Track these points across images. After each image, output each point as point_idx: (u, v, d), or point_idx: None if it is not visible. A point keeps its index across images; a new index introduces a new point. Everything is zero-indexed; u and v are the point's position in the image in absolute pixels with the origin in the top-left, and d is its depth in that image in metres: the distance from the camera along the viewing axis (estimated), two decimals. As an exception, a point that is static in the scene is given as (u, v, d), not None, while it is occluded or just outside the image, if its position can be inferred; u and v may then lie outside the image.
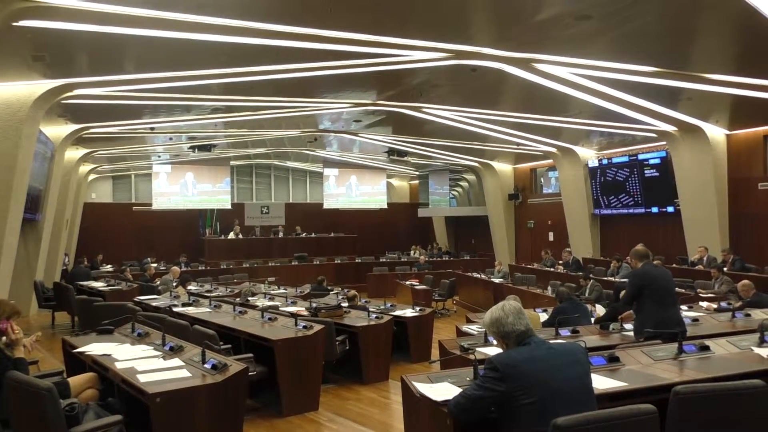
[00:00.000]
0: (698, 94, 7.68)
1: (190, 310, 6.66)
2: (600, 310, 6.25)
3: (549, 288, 8.79)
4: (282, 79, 7.37)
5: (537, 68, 6.96)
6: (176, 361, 3.71)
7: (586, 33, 5.76)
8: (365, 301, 8.22)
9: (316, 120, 11.45)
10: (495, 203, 16.35)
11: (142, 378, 3.35)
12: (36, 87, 7.32)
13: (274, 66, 6.92)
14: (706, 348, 3.55)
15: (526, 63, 6.82)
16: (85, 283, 9.89)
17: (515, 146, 12.98)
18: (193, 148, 13.50)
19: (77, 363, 4.13)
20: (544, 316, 6.02)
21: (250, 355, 4.68)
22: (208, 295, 8.66)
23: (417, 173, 19.96)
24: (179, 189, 16.60)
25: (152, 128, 10.75)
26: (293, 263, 14.99)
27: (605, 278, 9.70)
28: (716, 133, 10.04)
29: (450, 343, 4.20)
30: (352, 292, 7.99)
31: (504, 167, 16.26)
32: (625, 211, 12.34)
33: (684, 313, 4.84)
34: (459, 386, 2.72)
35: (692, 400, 2.39)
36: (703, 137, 9.94)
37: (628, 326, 4.54)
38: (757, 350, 3.52)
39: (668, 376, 3.02)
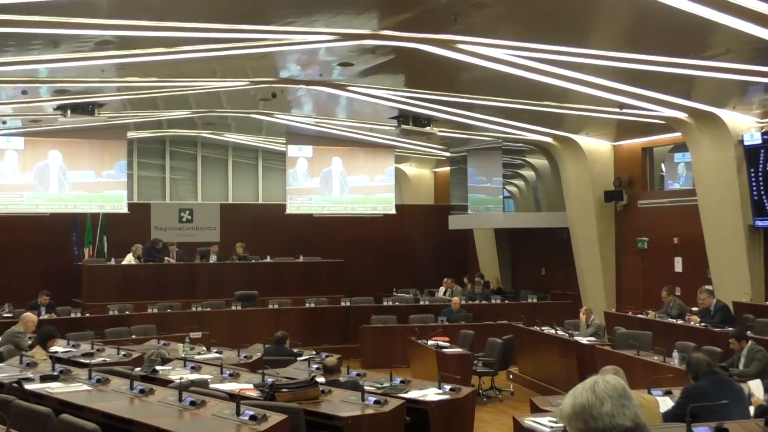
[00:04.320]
0: None
1: (55, 388, 6.63)
2: (759, 389, 6.20)
3: (675, 354, 8.74)
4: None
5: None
6: (30, 476, 3.70)
7: None
8: (357, 374, 8.19)
9: (275, 63, 11.45)
10: (581, 207, 16.32)
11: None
12: None
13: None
14: None
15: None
16: None
17: (617, 110, 12.95)
18: (62, 109, 13.53)
19: None
20: (666, 403, 5.96)
21: (158, 465, 4.65)
22: (87, 361, 8.59)
23: (447, 154, 19.97)
24: (37, 178, 16.64)
25: (-6, 75, 10.76)
26: (234, 308, 14.97)
27: (772, 338, 9.63)
28: None
29: (503, 449, 4.15)
30: (333, 358, 7.95)
31: (597, 145, 16.25)
32: (807, 221, 12.26)
33: None
34: None
35: None
36: None
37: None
38: None
39: None
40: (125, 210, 17.23)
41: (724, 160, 13.00)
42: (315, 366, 8.66)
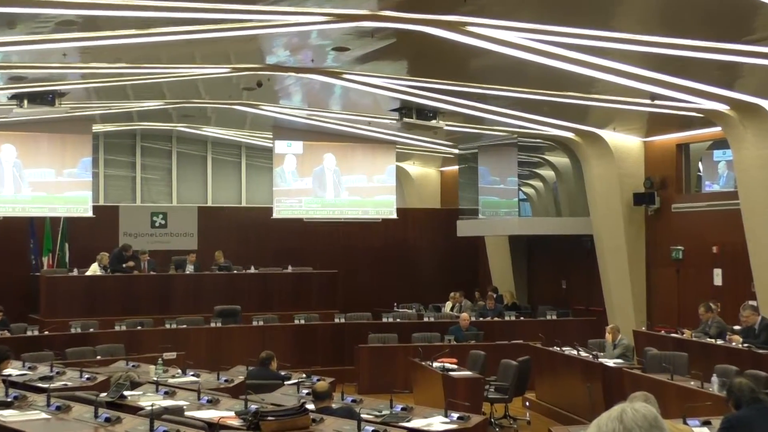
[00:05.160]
0: None
1: (9, 416, 6.61)
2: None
3: (714, 378, 8.73)
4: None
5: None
6: None
7: None
8: (352, 400, 8.18)
9: (260, 47, 11.46)
10: (607, 211, 16.31)
11: None
12: None
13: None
14: None
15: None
16: None
17: (648, 101, 12.94)
18: (18, 98, 13.51)
19: None
20: (704, 435, 5.95)
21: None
22: (45, 386, 8.59)
23: (455, 151, 19.97)
24: (-8, 178, 16.63)
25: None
26: (213, 325, 14.96)
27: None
28: None
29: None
30: (325, 382, 7.91)
31: (625, 141, 16.25)
32: None
33: None
34: None
35: None
36: None
37: None
38: None
39: None
40: (90, 214, 17.20)
41: (770, 159, 13.01)
42: (305, 391, 8.63)
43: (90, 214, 17.22)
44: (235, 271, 17.20)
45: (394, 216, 19.16)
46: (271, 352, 10.18)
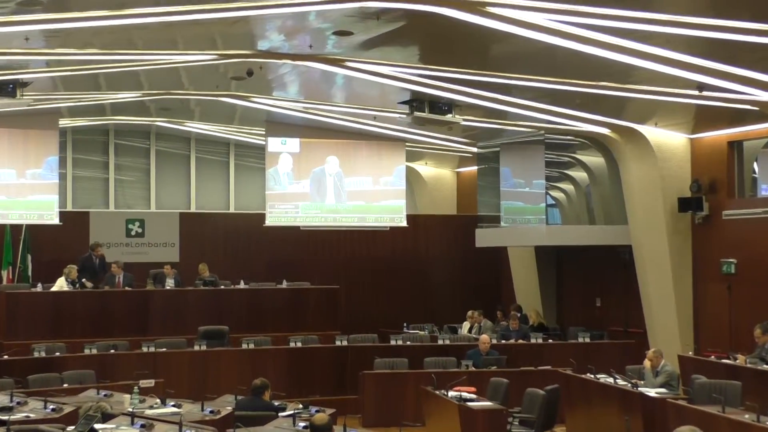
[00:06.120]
0: None
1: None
2: None
3: (771, 411, 8.71)
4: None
5: None
6: None
7: None
8: (356, 436, 8.19)
9: (251, 31, 11.49)
10: (648, 219, 16.30)
11: None
12: None
13: None
14: None
15: None
16: None
17: (695, 93, 12.93)
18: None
19: None
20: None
21: None
22: (4, 418, 8.61)
23: (474, 150, 19.98)
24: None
25: None
26: (197, 348, 14.96)
27: None
28: None
29: None
30: (324, 414, 7.90)
31: (669, 138, 16.24)
32: None
33: None
34: None
35: None
36: None
37: None
38: None
39: None
40: (56, 221, 17.24)
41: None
42: (302, 424, 8.66)
43: (56, 221, 17.24)
44: (222, 287, 17.18)
45: (404, 224, 19.17)
46: (265, 379, 10.19)
